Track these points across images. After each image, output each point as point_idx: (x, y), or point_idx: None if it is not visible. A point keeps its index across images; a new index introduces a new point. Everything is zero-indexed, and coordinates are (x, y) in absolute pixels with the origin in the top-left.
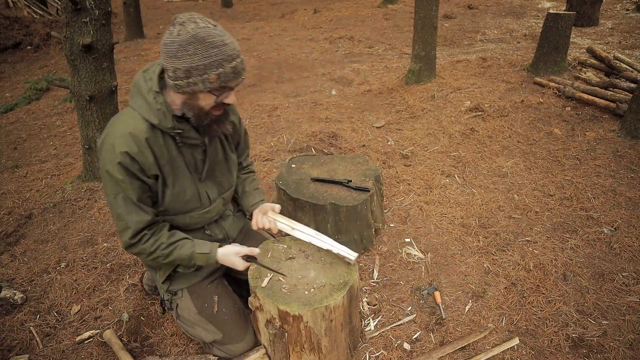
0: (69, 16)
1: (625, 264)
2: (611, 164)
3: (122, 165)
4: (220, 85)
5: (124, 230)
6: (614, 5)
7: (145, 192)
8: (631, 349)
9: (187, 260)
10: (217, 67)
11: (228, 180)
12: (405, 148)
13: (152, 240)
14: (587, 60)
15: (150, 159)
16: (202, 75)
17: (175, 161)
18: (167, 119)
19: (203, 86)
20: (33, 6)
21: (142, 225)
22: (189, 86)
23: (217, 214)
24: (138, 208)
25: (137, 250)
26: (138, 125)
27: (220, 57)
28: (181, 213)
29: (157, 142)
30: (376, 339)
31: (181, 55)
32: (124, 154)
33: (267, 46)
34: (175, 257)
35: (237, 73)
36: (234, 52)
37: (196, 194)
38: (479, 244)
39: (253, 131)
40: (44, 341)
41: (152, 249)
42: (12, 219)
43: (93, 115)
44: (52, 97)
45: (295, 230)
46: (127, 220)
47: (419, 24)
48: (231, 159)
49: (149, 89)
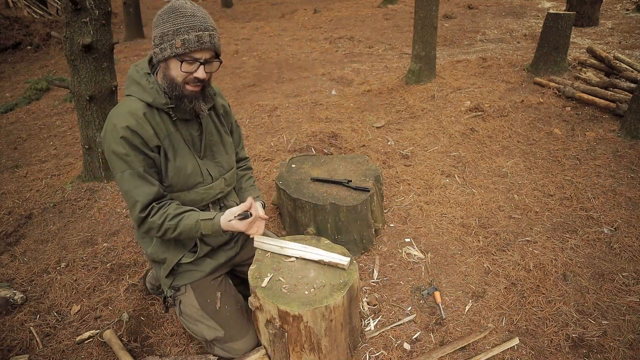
0: (69, 16)
1: (625, 264)
2: (611, 164)
3: (125, 139)
4: (184, 51)
5: (133, 205)
6: (614, 5)
7: (150, 166)
8: (631, 349)
9: (194, 230)
10: (182, 34)
11: (227, 162)
12: (405, 148)
13: (160, 212)
14: (587, 60)
15: (150, 131)
16: (170, 41)
17: (173, 137)
18: (161, 96)
19: (170, 51)
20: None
21: (150, 198)
22: (161, 52)
23: (220, 192)
24: (145, 180)
25: (147, 226)
26: (134, 105)
27: (186, 25)
28: (185, 189)
29: (154, 119)
30: (376, 339)
31: (158, 24)
32: (125, 128)
33: (267, 46)
34: (182, 228)
35: (201, 43)
36: (202, 24)
37: (197, 169)
38: (479, 244)
39: (253, 131)
40: (44, 341)
41: (160, 221)
42: (12, 219)
43: (93, 115)
44: (52, 97)
45: (285, 248)
46: (134, 195)
47: (419, 24)
48: (227, 141)
49: (142, 74)
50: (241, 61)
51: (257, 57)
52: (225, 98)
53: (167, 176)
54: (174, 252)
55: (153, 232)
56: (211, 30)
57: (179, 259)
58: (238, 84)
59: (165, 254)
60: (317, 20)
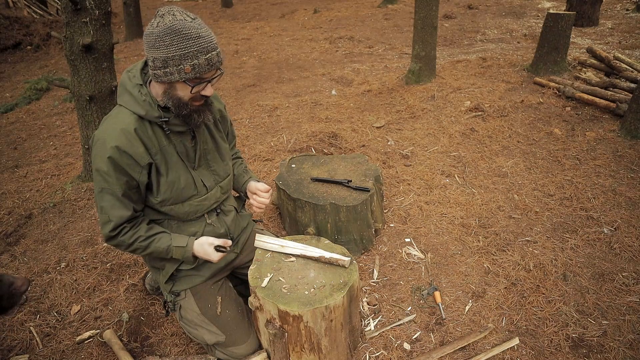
0: (69, 16)
1: (625, 264)
2: (611, 164)
3: (112, 159)
4: (195, 76)
5: (105, 223)
6: (614, 5)
7: (131, 188)
8: (631, 349)
9: (164, 253)
10: (191, 59)
11: (224, 169)
12: (405, 148)
13: (130, 233)
14: (587, 60)
15: (140, 148)
16: (178, 66)
17: (166, 150)
18: (153, 109)
19: (179, 76)
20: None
21: (122, 220)
22: (166, 76)
23: (215, 202)
24: (121, 203)
25: (116, 242)
26: (126, 119)
27: (194, 49)
28: (179, 202)
29: (146, 133)
30: (376, 339)
31: (159, 46)
32: (114, 148)
33: (267, 46)
34: (153, 249)
35: (211, 65)
36: (210, 45)
37: (191, 181)
38: (479, 244)
39: (253, 131)
40: (44, 341)
41: (131, 241)
42: (12, 219)
43: (93, 115)
44: (52, 97)
45: (285, 247)
46: (109, 214)
47: (419, 24)
48: (223, 148)
49: (134, 84)
50: (241, 61)
51: (257, 57)
52: (221, 100)
53: (160, 191)
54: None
55: (121, 249)
56: (217, 49)
57: (178, 265)
58: (238, 84)
59: (164, 261)
60: (317, 20)
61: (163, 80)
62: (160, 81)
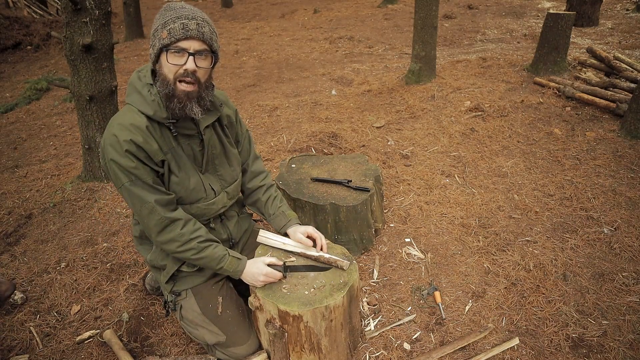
0: (69, 16)
1: (625, 264)
2: (611, 164)
3: (130, 152)
4: (170, 41)
5: (150, 212)
6: (614, 5)
7: (157, 177)
8: (631, 349)
9: (217, 261)
10: (168, 25)
11: (230, 174)
12: (405, 148)
13: (193, 228)
14: (587, 60)
15: (154, 145)
16: (158, 35)
17: (175, 151)
18: (162, 109)
19: (159, 44)
20: (33, 6)
21: (165, 202)
22: (153, 49)
23: (222, 207)
24: (154, 189)
25: (171, 236)
26: (136, 117)
27: (174, 16)
28: (188, 203)
29: (156, 132)
30: (376, 339)
31: (152, 25)
32: (129, 142)
33: (267, 46)
34: (207, 253)
35: (186, 30)
36: (190, 14)
37: (200, 184)
38: (479, 244)
39: (253, 131)
40: (44, 341)
41: (191, 237)
42: (12, 219)
43: (93, 115)
44: (52, 97)
45: (287, 245)
46: (149, 199)
47: (419, 24)
48: (231, 153)
49: (144, 83)
50: (241, 61)
51: (257, 57)
52: (232, 105)
53: (170, 189)
54: (173, 259)
55: (172, 245)
56: (199, 20)
57: (179, 266)
58: (238, 84)
59: (165, 261)
60: (317, 20)
61: (153, 59)
62: (152, 61)
